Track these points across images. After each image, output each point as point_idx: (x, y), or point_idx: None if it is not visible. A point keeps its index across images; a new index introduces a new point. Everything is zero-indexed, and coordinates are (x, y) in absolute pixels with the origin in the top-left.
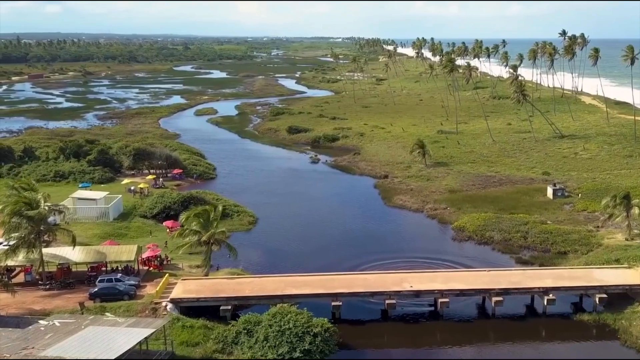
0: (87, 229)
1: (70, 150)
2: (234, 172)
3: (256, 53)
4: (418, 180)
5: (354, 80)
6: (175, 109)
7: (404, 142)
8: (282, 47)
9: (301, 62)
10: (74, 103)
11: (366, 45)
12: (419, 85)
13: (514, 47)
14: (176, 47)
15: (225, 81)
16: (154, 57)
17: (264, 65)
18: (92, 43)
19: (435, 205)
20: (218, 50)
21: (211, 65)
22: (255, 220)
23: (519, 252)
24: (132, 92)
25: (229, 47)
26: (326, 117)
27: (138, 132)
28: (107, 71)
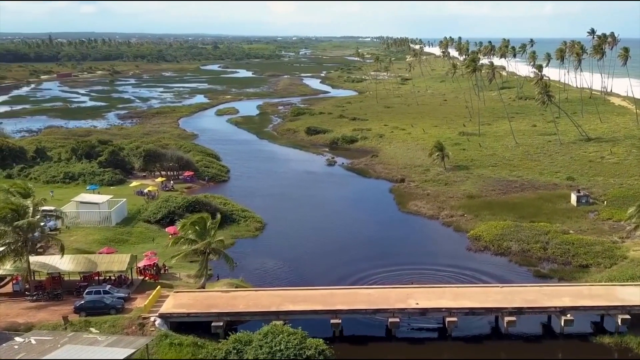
0: (88, 234)
1: (82, 151)
2: (247, 174)
3: (284, 52)
4: (435, 185)
5: (378, 80)
6: (196, 109)
7: (423, 144)
8: (311, 47)
9: (328, 62)
10: (97, 102)
11: (393, 45)
12: (444, 85)
13: (545, 47)
14: (206, 46)
15: (250, 80)
16: (182, 56)
17: (290, 65)
18: (123, 42)
19: (452, 212)
20: (247, 50)
21: (238, 64)
22: (263, 225)
23: (538, 264)
24: (157, 91)
25: (257, 47)
26: (346, 118)
27: (156, 132)
28: (135, 70)
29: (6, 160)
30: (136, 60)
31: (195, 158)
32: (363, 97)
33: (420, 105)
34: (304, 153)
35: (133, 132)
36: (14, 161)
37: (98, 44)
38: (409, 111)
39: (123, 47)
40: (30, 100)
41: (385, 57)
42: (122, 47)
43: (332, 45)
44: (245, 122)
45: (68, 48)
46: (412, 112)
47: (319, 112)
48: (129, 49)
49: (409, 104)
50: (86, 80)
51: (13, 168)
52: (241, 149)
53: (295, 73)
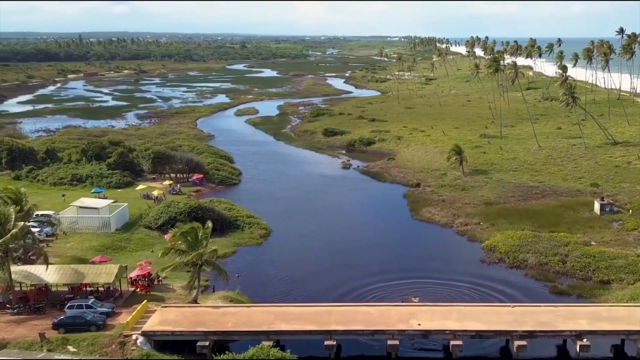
0: (85, 240)
1: (92, 152)
2: (259, 177)
3: (311, 52)
4: (452, 190)
5: (402, 80)
6: (216, 109)
7: (442, 146)
8: (338, 46)
9: (354, 61)
10: (119, 102)
11: (420, 44)
12: (469, 86)
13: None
14: (234, 45)
15: (273, 80)
16: (209, 56)
17: (316, 65)
18: (152, 42)
19: (467, 220)
20: (274, 49)
21: (264, 64)
22: (268, 232)
23: (555, 279)
24: (179, 90)
25: (285, 46)
26: (365, 119)
27: (172, 132)
28: (162, 69)
29: (15, 161)
30: (163, 59)
31: (207, 160)
32: (385, 97)
33: (442, 106)
34: (319, 155)
35: (149, 132)
36: (23, 162)
37: (127, 43)
38: (430, 112)
39: (152, 47)
40: (53, 100)
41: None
42: (151, 47)
43: (359, 45)
44: (264, 123)
45: (97, 47)
46: (433, 113)
47: (338, 113)
48: (158, 49)
49: (431, 105)
50: (111, 79)
51: (22, 169)
52: (256, 150)
53: (319, 73)
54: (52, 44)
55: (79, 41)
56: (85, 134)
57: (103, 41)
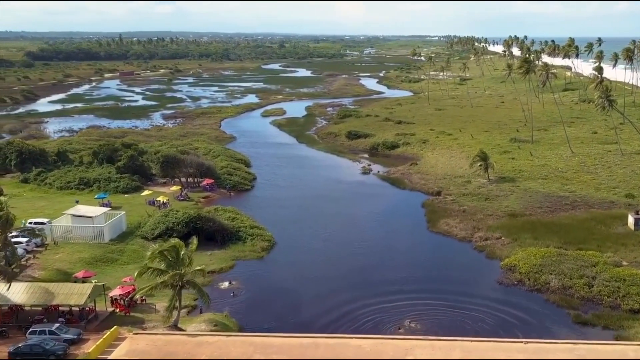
0: (75, 252)
1: (103, 155)
2: (273, 182)
3: (348, 52)
4: (474, 200)
5: (436, 80)
6: (243, 109)
7: (469, 151)
8: (377, 46)
9: (390, 61)
10: (148, 101)
11: (458, 44)
12: (504, 86)
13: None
14: (272, 45)
15: (306, 80)
16: (246, 55)
17: (351, 64)
18: (192, 41)
19: (487, 234)
20: (312, 49)
21: (299, 63)
22: (271, 245)
23: (579, 306)
24: (210, 90)
25: (323, 46)
26: (392, 121)
27: (193, 133)
28: (197, 69)
29: (25, 164)
30: (201, 58)
31: (221, 164)
32: (416, 98)
33: (474, 107)
34: (340, 159)
35: (170, 133)
36: (33, 164)
37: (166, 42)
38: (460, 114)
39: (191, 46)
40: (84, 99)
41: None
42: (190, 46)
43: (398, 45)
44: (289, 124)
45: (137, 47)
46: (464, 115)
47: (365, 115)
48: (197, 48)
49: (463, 106)
50: (146, 78)
51: (31, 172)
52: (276, 153)
53: (354, 72)
54: (93, 43)
55: (120, 40)
56: (105, 134)
57: (143, 40)
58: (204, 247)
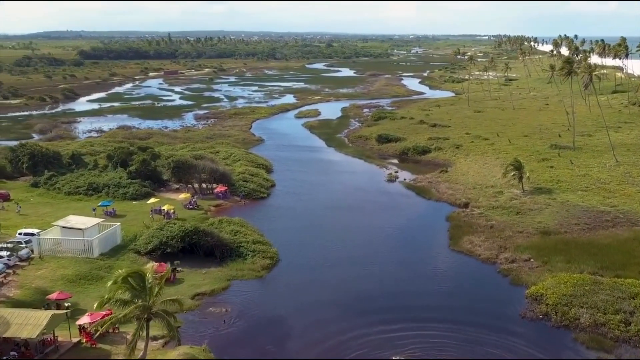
0: (59, 268)
1: (117, 159)
2: (292, 189)
3: (395, 51)
4: (504, 214)
5: (480, 80)
6: (278, 110)
7: (505, 158)
8: (425, 45)
9: (436, 61)
10: (185, 101)
11: (507, 43)
12: (551, 87)
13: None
14: (320, 44)
15: (347, 80)
16: (292, 55)
17: (396, 64)
18: (241, 40)
19: (514, 255)
20: (358, 48)
21: (344, 63)
22: (274, 262)
23: (612, 349)
24: (250, 90)
25: (370, 45)
26: (426, 124)
27: (220, 135)
28: (242, 68)
29: (37, 167)
30: (247, 58)
31: (239, 170)
32: (457, 99)
33: (516, 109)
34: (366, 165)
35: (197, 135)
36: (45, 167)
37: (214, 41)
38: (500, 117)
39: (240, 45)
40: (123, 98)
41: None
42: (239, 45)
43: (446, 44)
44: (320, 127)
45: (186, 46)
46: (504, 118)
47: (400, 117)
48: (246, 47)
49: (504, 108)
50: (188, 78)
51: (42, 175)
52: (301, 157)
53: (397, 72)
54: (143, 42)
55: (169, 39)
56: (130, 135)
57: (191, 40)
58: (201, 263)
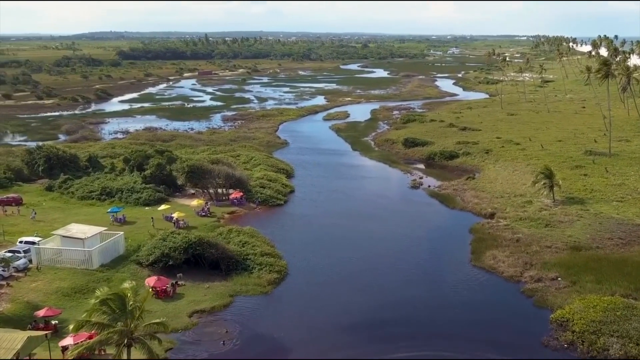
0: (55, 280)
1: (134, 162)
2: (311, 195)
3: (432, 51)
4: (532, 226)
5: (516, 81)
6: (306, 112)
7: (536, 164)
8: (462, 45)
9: (472, 61)
10: (215, 102)
11: (545, 43)
12: (588, 90)
13: None
14: (356, 45)
15: (380, 81)
16: (327, 55)
17: (431, 65)
18: (278, 41)
19: (541, 273)
20: (395, 49)
21: (379, 63)
22: (282, 277)
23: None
24: (281, 91)
25: (407, 45)
26: (456, 127)
27: (244, 138)
28: (276, 69)
29: (53, 170)
30: (282, 58)
31: (257, 175)
32: (490, 101)
33: (551, 112)
34: (390, 170)
35: (221, 137)
36: (62, 171)
37: (250, 41)
38: (534, 120)
39: (277, 46)
40: (154, 98)
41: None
42: (276, 46)
43: (484, 44)
44: (347, 129)
45: (222, 46)
46: (537, 121)
47: (430, 120)
48: (282, 47)
49: (538, 111)
50: (222, 78)
51: (57, 179)
52: (324, 161)
53: (431, 73)
54: (180, 42)
55: (205, 40)
56: (154, 137)
57: (228, 40)
58: (205, 277)
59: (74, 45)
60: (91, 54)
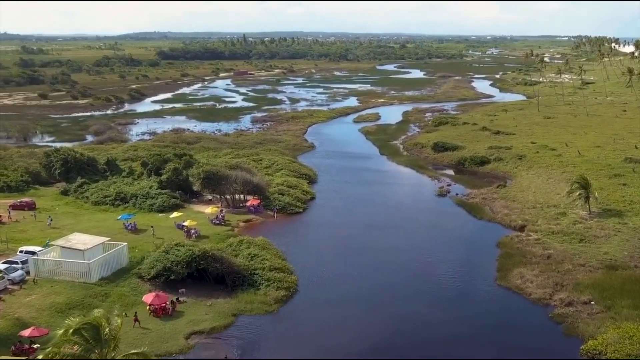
0: (51, 294)
1: (152, 166)
2: (330, 203)
3: (471, 52)
4: (565, 241)
5: (554, 83)
6: (337, 114)
7: (572, 172)
8: (502, 46)
9: (511, 62)
10: (247, 103)
11: (587, 44)
12: (630, 92)
13: None
14: (394, 45)
15: (415, 82)
16: (364, 56)
17: (469, 65)
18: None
19: (572, 296)
20: (433, 49)
21: (416, 64)
22: (291, 294)
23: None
24: (314, 92)
25: (446, 46)
26: (489, 131)
27: (270, 141)
28: (311, 69)
29: (70, 173)
30: (319, 59)
31: (277, 180)
32: (527, 103)
33: (590, 116)
34: (418, 176)
35: (246, 140)
36: (79, 174)
37: (288, 42)
38: (572, 124)
39: (315, 46)
40: (187, 99)
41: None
42: (314, 46)
43: (524, 45)
44: (377, 132)
45: (260, 46)
46: (575, 125)
47: (462, 123)
48: (320, 48)
49: (577, 115)
50: (256, 78)
51: (73, 182)
52: (349, 166)
53: (468, 74)
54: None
55: (244, 40)
56: (179, 139)
57: (266, 40)
58: (209, 292)
59: (116, 46)
60: (132, 54)
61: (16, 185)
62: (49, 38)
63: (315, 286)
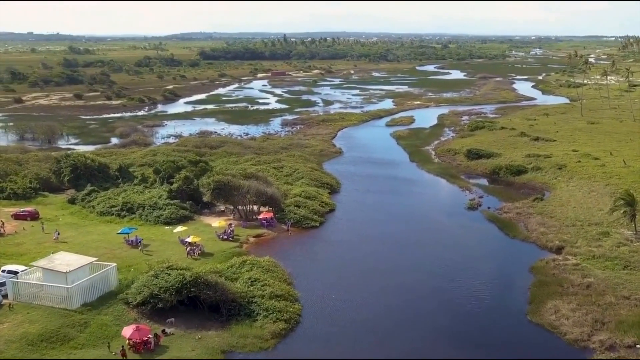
0: (25, 322)
1: (164, 173)
2: (350, 216)
3: (514, 52)
4: (608, 267)
5: (600, 85)
6: (370, 117)
7: (617, 184)
8: (546, 46)
9: (554, 63)
10: (280, 104)
11: (634, 44)
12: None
13: None
14: (436, 45)
15: (455, 83)
16: (405, 56)
17: (511, 66)
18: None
19: (614, 337)
20: (475, 49)
21: (456, 64)
22: (291, 327)
23: None
24: (350, 93)
25: (488, 46)
26: (528, 137)
27: (296, 145)
28: (350, 70)
29: (79, 180)
30: (359, 59)
31: (295, 190)
32: (570, 106)
33: (637, 121)
34: (448, 186)
35: (272, 144)
36: (89, 181)
37: (328, 42)
38: (618, 130)
39: (356, 46)
40: (219, 100)
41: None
42: (355, 46)
43: (569, 45)
44: (409, 137)
45: (300, 47)
46: (621, 132)
47: (500, 127)
48: (361, 48)
49: (623, 120)
50: (293, 79)
51: (82, 190)
52: (376, 173)
53: (510, 75)
54: (259, 43)
55: (284, 40)
56: (202, 143)
57: (306, 40)
58: (202, 322)
59: (160, 46)
60: (174, 54)
61: (23, 192)
62: (99, 38)
63: (320, 316)
